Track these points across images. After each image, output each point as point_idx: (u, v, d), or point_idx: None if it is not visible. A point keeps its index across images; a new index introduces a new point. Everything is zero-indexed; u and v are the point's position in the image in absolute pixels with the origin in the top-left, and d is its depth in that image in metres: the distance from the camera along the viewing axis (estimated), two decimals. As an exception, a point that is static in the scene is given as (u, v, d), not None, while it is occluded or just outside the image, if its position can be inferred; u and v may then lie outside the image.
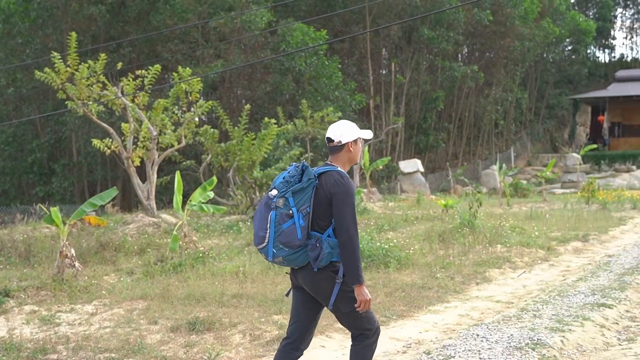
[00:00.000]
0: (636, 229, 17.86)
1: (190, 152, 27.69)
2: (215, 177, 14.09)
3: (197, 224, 17.50)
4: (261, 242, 4.80)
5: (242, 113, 22.06)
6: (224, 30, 32.39)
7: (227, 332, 7.56)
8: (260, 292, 9.29)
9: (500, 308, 8.74)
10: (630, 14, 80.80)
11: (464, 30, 43.17)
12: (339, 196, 4.74)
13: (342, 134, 4.98)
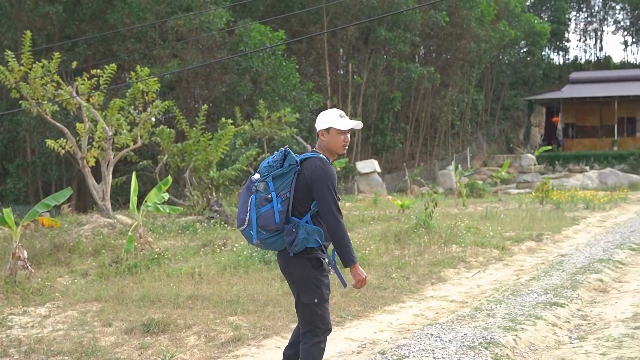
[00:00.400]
0: (588, 229, 18.13)
1: (146, 153, 27.48)
2: (170, 178, 14.03)
3: (153, 225, 17.39)
4: (242, 224, 4.95)
5: (199, 113, 21.97)
6: (182, 30, 32.22)
7: (182, 333, 7.54)
8: (215, 293, 9.27)
9: (454, 307, 8.84)
10: (583, 16, 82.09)
11: (421, 31, 43.46)
12: (319, 182, 4.86)
13: (317, 122, 5.15)
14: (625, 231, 16.79)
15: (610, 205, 24.87)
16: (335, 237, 4.89)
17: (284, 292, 9.23)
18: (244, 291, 9.35)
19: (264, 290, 9.37)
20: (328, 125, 5.06)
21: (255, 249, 12.07)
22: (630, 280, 10.52)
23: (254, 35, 31.41)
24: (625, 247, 13.70)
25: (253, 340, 7.29)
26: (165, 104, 20.33)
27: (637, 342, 6.76)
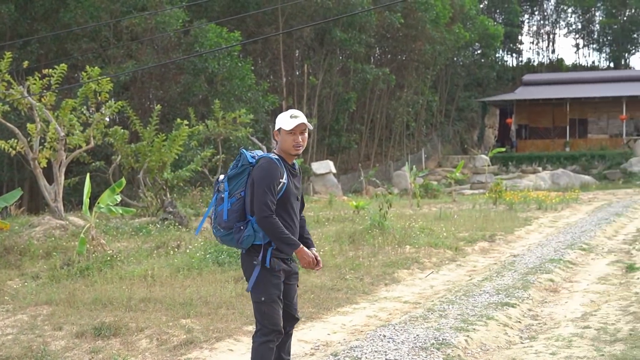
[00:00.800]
0: (541, 229, 18.35)
1: (100, 153, 27.19)
2: (124, 179, 13.89)
3: (106, 227, 17.20)
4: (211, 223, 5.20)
5: (153, 114, 21.79)
6: (137, 29, 31.92)
7: (133, 337, 7.47)
8: (168, 295, 9.20)
9: (407, 308, 8.88)
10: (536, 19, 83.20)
11: (376, 32, 43.63)
12: (255, 178, 5.01)
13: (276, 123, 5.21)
14: (576, 231, 17.03)
15: (562, 206, 25.21)
16: (266, 232, 4.96)
17: (238, 294, 9.21)
18: (197, 293, 9.29)
19: (218, 292, 9.32)
20: (278, 126, 5.15)
21: (209, 250, 12.03)
22: (581, 280, 10.68)
23: (210, 36, 31.25)
24: (576, 247, 13.90)
25: (205, 343, 7.24)
26: (119, 104, 20.11)
27: (586, 341, 6.87)
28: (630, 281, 10.36)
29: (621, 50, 76.84)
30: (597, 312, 8.24)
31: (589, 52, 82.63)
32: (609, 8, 76.60)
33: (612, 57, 78.67)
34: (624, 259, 12.66)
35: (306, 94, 41.11)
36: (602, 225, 18.25)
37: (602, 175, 45.35)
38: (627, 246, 14.62)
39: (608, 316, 7.92)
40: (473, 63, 63.28)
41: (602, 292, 9.60)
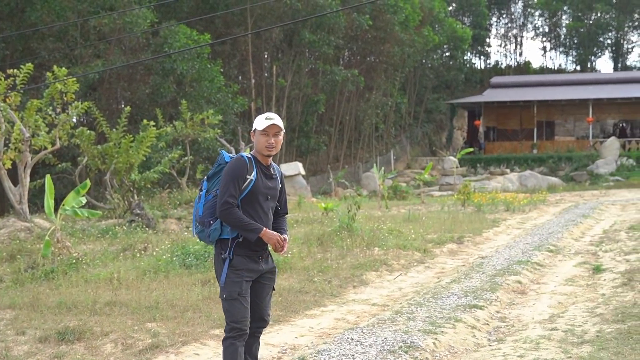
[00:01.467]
0: (508, 231, 18.43)
1: (66, 155, 26.89)
2: (89, 181, 13.72)
3: (72, 229, 16.97)
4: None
5: (121, 115, 21.59)
6: (105, 29, 31.61)
7: (98, 341, 7.35)
8: (134, 299, 9.07)
9: (376, 311, 8.84)
10: (504, 22, 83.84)
11: (345, 34, 43.66)
12: (223, 174, 5.18)
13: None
14: (543, 233, 17.12)
15: (530, 207, 25.35)
16: (227, 222, 5.09)
17: (204, 296, 9.11)
18: (164, 297, 9.18)
19: (184, 296, 9.22)
20: (254, 128, 5.29)
21: (176, 253, 11.91)
22: (548, 281, 10.72)
23: (180, 38, 31.05)
24: (544, 248, 13.96)
25: (171, 347, 7.15)
26: (85, 105, 19.87)
27: (553, 343, 6.87)
28: (597, 282, 10.42)
29: (587, 53, 77.66)
30: (565, 313, 8.26)
31: (555, 55, 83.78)
32: (576, 12, 77.41)
33: (579, 60, 79.51)
34: (591, 261, 12.74)
35: (275, 96, 41.02)
36: (569, 227, 18.37)
37: (569, 177, 45.78)
38: (594, 247, 14.72)
39: (575, 318, 7.94)
40: (441, 65, 63.58)
41: (570, 294, 9.64)
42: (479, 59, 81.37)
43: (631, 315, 7.73)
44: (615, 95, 52.95)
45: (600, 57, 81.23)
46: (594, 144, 51.73)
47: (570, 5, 77.26)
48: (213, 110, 27.28)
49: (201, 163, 29.03)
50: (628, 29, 79.55)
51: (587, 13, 76.50)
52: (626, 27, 78.65)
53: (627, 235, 16.25)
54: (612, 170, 45.91)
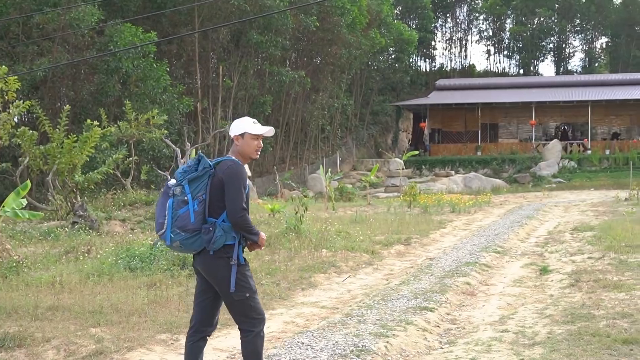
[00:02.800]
0: (455, 232, 18.52)
1: (8, 155, 26.25)
2: (29, 182, 13.37)
3: (13, 231, 16.53)
4: (161, 228, 5.18)
5: (62, 114, 21.12)
6: (49, 27, 30.92)
7: (39, 348, 7.09)
8: (77, 303, 8.81)
9: (325, 314, 8.72)
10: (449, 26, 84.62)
11: (292, 35, 43.54)
12: (229, 179, 5.18)
13: (232, 128, 5.47)
14: (489, 234, 17.24)
15: (475, 209, 25.57)
16: (240, 227, 5.18)
17: (150, 300, 8.90)
18: (108, 301, 8.94)
19: (129, 300, 8.98)
20: (243, 131, 5.42)
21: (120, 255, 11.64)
22: (496, 283, 10.74)
23: (125, 36, 30.55)
24: (491, 250, 14.04)
25: (116, 353, 6.92)
26: (27, 104, 19.38)
27: (505, 345, 6.85)
28: (545, 283, 10.47)
29: (530, 57, 78.80)
30: (515, 315, 8.26)
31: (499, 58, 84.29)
32: (519, 16, 78.51)
33: (522, 64, 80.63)
34: (537, 262, 12.84)
35: (221, 96, 40.65)
36: (515, 228, 18.55)
37: (512, 178, 46.38)
38: (540, 248, 14.86)
39: (525, 319, 7.94)
40: (388, 68, 63.82)
41: (518, 295, 9.66)
42: (425, 62, 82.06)
43: (580, 316, 7.76)
44: (557, 98, 53.77)
45: (542, 61, 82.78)
46: (536, 147, 52.46)
47: (513, 10, 78.33)
48: (158, 111, 26.89)
49: (146, 164, 28.61)
50: (569, 33, 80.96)
51: (530, 18, 77.64)
52: (568, 32, 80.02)
53: (572, 237, 16.45)
54: (555, 172, 46.67)
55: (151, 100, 31.58)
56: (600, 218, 20.90)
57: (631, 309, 7.93)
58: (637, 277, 9.96)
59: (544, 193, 37.26)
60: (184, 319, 8.00)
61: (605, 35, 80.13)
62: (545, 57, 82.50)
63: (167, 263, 10.93)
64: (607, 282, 9.72)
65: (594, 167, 47.96)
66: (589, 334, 6.95)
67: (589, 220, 20.43)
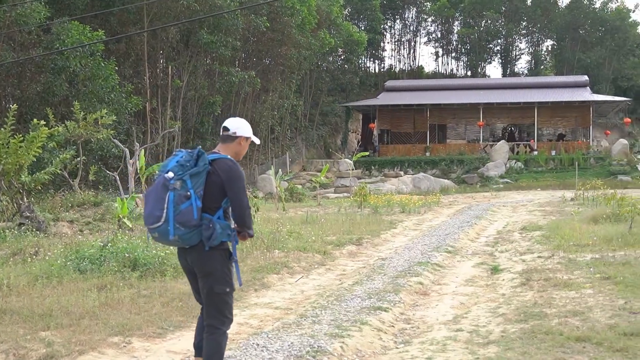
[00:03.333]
0: (406, 232, 18.62)
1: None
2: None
3: (-43, 233, 16.15)
4: (157, 221, 5.18)
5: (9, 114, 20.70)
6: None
7: (-13, 352, 6.92)
8: (26, 306, 8.60)
9: (279, 315, 8.67)
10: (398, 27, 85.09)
11: (242, 36, 43.36)
12: (235, 179, 5.32)
13: (239, 127, 5.62)
14: (440, 234, 17.37)
15: (425, 209, 25.75)
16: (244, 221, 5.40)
17: (101, 303, 8.75)
18: (58, 303, 8.74)
19: (80, 302, 8.81)
20: (249, 135, 5.66)
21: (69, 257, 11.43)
22: (449, 282, 10.81)
23: (73, 34, 30.06)
24: (442, 249, 14.13)
25: (67, 357, 6.78)
26: (-29, 103, 18.98)
27: (460, 344, 6.88)
28: (496, 282, 10.57)
29: (478, 59, 79.67)
30: (468, 314, 8.32)
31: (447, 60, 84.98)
32: (467, 19, 79.31)
33: (470, 66, 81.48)
34: (488, 261, 12.96)
35: (170, 96, 40.27)
36: (465, 228, 18.71)
37: (460, 179, 46.87)
38: (490, 248, 15.01)
39: (479, 318, 8.00)
40: (337, 68, 63.95)
41: (471, 294, 9.74)
42: (374, 63, 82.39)
43: (533, 314, 7.85)
44: (504, 100, 54.45)
45: (490, 63, 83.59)
46: (484, 148, 53.10)
47: (461, 13, 79.08)
48: (107, 110, 26.54)
49: (94, 164, 28.20)
50: (516, 36, 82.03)
51: (477, 20, 78.48)
52: (514, 34, 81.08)
53: (521, 236, 16.66)
54: (502, 173, 47.28)
55: (99, 100, 31.13)
56: (547, 218, 21.20)
57: (582, 307, 8.05)
58: (586, 276, 10.12)
59: (492, 193, 37.73)
60: (136, 321, 7.90)
61: (550, 38, 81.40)
62: (493, 59, 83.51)
63: (118, 265, 10.77)
64: (557, 280, 9.86)
65: (540, 167, 48.67)
66: (542, 332, 7.02)
67: (537, 220, 20.71)
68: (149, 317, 8.16)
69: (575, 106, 54.18)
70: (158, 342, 7.25)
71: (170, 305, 8.75)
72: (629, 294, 8.66)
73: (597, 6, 75.60)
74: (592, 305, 8.12)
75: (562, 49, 76.83)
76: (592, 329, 7.08)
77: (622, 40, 72.33)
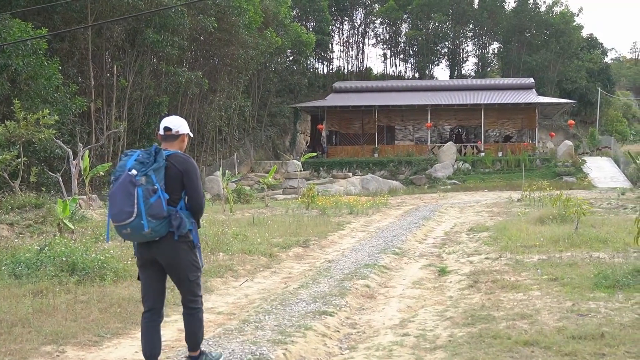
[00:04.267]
0: (353, 234, 18.46)
1: None
2: None
3: None
4: (128, 217, 5.42)
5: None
6: None
7: None
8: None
9: (222, 320, 8.38)
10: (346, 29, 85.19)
11: (189, 35, 42.90)
12: (191, 173, 5.75)
13: (180, 126, 5.99)
14: (388, 235, 17.24)
15: (373, 210, 25.66)
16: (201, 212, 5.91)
17: (35, 309, 8.37)
18: (-11, 310, 8.37)
19: (12, 309, 8.39)
20: (188, 131, 6.08)
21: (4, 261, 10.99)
22: (396, 285, 10.65)
23: (14, 32, 29.33)
24: (389, 251, 13.99)
25: (-4, 367, 6.46)
26: None
27: (406, 350, 6.71)
28: (444, 285, 10.45)
29: (425, 61, 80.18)
30: (415, 318, 8.15)
31: (395, 62, 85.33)
32: (415, 20, 79.73)
33: (417, 68, 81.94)
34: (436, 263, 12.86)
35: (116, 96, 39.60)
36: (413, 229, 18.64)
37: (408, 180, 47.04)
38: (438, 249, 14.93)
39: (426, 322, 7.84)
40: (285, 69, 63.78)
41: (418, 297, 9.59)
42: (322, 64, 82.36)
43: (480, 318, 7.71)
44: (452, 101, 54.79)
45: (437, 65, 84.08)
46: (432, 149, 53.37)
47: (409, 15, 79.48)
48: (50, 110, 25.91)
49: (37, 165, 27.55)
50: (463, 38, 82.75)
51: (425, 22, 78.98)
52: (461, 37, 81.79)
53: (468, 237, 16.63)
54: (450, 174, 47.55)
55: (42, 100, 30.44)
56: (494, 219, 21.26)
57: (530, 310, 7.94)
58: (534, 277, 10.05)
59: (439, 194, 37.86)
60: (72, 328, 7.57)
61: (497, 41, 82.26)
62: (440, 62, 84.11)
63: (55, 269, 10.37)
64: (504, 282, 9.77)
65: (487, 169, 49.07)
66: (490, 336, 6.88)
67: (484, 221, 20.76)
68: (86, 324, 7.82)
69: (522, 108, 54.77)
70: (94, 351, 6.93)
71: (109, 311, 8.40)
72: (576, 295, 8.60)
73: (542, 10, 76.69)
74: (540, 308, 8.02)
75: (508, 52, 77.75)
76: (540, 332, 6.96)
77: (566, 43, 73.44)
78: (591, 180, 43.56)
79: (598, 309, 7.86)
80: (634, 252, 12.03)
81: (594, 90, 72.19)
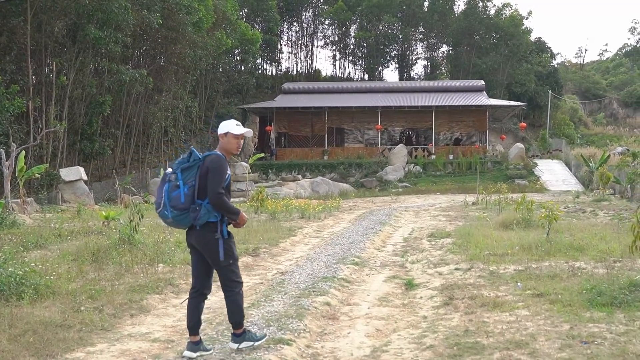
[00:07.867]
0: (306, 240, 17.21)
1: None
2: None
3: None
4: (158, 207, 6.39)
5: None
6: None
7: None
8: None
9: (157, 350, 6.85)
10: (295, 30, 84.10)
11: (134, 32, 41.28)
12: (211, 170, 6.35)
13: (220, 127, 6.70)
14: (344, 242, 16.08)
15: (325, 214, 24.56)
16: (218, 207, 6.32)
17: None
18: None
19: None
20: (226, 131, 6.65)
21: None
22: (360, 301, 9.39)
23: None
24: (348, 261, 12.77)
25: None
26: None
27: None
28: (414, 301, 9.26)
29: (375, 63, 79.40)
30: (388, 346, 6.88)
31: (345, 64, 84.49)
32: (364, 23, 78.93)
33: (367, 70, 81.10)
34: (401, 274, 11.66)
35: (55, 95, 37.77)
36: (370, 236, 17.52)
37: (359, 183, 46.12)
38: (400, 258, 13.76)
39: (402, 352, 6.58)
40: (233, 69, 62.44)
41: (387, 317, 8.34)
42: (271, 65, 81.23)
43: (467, 347, 6.47)
44: (402, 103, 53.97)
45: (387, 67, 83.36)
46: (382, 151, 52.54)
47: (359, 16, 78.69)
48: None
49: (-35, 167, 25.80)
50: (413, 41, 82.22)
51: (375, 24, 78.19)
52: (411, 39, 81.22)
53: (430, 244, 15.56)
54: (401, 177, 46.76)
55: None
56: (453, 223, 20.25)
57: (523, 335, 6.72)
58: (515, 292, 8.89)
59: (392, 197, 36.91)
60: None
61: (447, 44, 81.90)
62: (390, 64, 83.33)
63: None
64: (484, 299, 8.57)
65: (438, 171, 48.41)
66: (484, 373, 5.67)
67: (443, 225, 19.72)
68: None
69: (472, 110, 54.14)
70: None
71: (20, 340, 6.84)
72: (570, 315, 7.43)
73: (491, 13, 76.44)
74: (534, 333, 6.81)
75: (458, 54, 77.40)
76: (542, 366, 5.78)
77: (515, 46, 73.35)
78: (543, 183, 43.07)
79: (602, 333, 6.70)
80: (613, 261, 11.02)
81: (543, 93, 72.25)
